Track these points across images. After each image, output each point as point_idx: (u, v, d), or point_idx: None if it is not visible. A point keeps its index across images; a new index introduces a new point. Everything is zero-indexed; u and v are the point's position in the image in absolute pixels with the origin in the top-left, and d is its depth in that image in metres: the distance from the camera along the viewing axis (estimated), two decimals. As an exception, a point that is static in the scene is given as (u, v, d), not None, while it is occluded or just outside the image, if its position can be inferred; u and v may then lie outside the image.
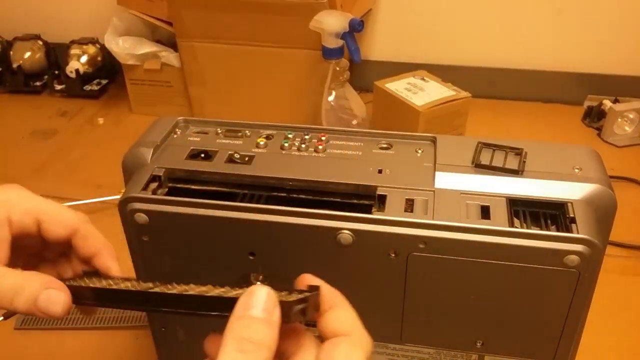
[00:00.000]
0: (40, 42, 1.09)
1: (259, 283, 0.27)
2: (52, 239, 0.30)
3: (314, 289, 0.25)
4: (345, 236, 0.34)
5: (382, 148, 0.40)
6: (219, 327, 0.42)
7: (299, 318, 0.24)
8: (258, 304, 0.24)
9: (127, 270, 0.40)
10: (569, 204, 0.34)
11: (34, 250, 0.31)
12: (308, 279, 0.26)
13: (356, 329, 0.24)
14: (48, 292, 0.27)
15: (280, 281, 0.28)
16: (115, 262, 0.30)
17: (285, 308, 0.24)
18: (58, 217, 0.30)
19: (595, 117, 0.94)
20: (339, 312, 0.25)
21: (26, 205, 0.30)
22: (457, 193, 0.35)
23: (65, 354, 0.56)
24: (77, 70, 1.02)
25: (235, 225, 0.35)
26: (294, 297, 0.24)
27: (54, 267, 0.33)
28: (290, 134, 0.41)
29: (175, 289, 0.28)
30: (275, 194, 0.37)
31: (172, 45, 0.94)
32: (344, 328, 0.24)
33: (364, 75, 0.97)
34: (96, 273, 0.31)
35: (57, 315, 0.27)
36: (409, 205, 0.35)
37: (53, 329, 0.58)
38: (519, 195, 0.35)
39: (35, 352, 0.56)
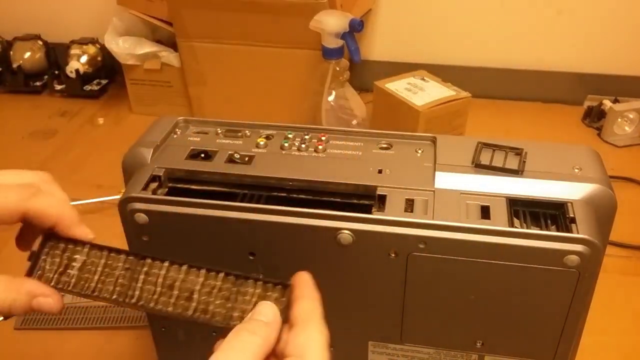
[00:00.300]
0: (40, 42, 1.09)
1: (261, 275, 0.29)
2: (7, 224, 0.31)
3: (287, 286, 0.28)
4: (345, 236, 0.34)
5: (382, 148, 0.40)
6: (219, 328, 0.42)
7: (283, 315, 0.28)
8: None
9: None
10: (569, 204, 0.34)
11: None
12: (300, 278, 0.29)
13: (314, 317, 0.27)
14: (37, 300, 0.29)
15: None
16: (77, 227, 0.30)
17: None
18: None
19: (595, 117, 0.94)
20: (303, 303, 0.28)
21: None
22: (457, 193, 0.35)
23: (65, 354, 0.56)
24: (77, 70, 1.02)
25: (235, 225, 0.35)
26: (279, 299, 0.28)
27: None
28: (290, 134, 0.41)
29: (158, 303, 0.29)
30: (275, 194, 0.37)
31: (172, 45, 0.94)
32: (305, 316, 0.27)
33: (364, 75, 0.97)
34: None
35: (54, 313, 0.30)
36: (409, 205, 0.35)
37: (53, 329, 0.58)
38: (519, 195, 0.35)
39: (36, 352, 0.56)
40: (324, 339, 0.27)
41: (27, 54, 1.07)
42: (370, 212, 0.35)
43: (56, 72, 1.07)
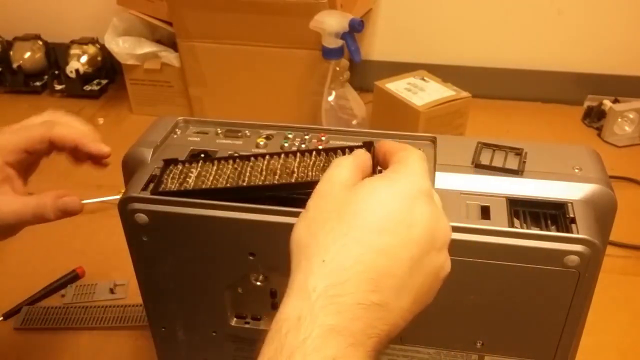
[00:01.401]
0: (41, 42, 1.09)
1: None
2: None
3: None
4: (345, 236, 0.34)
5: (382, 148, 0.40)
6: (219, 327, 0.42)
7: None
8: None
9: (128, 270, 0.40)
10: (569, 204, 0.34)
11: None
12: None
13: (411, 148, 0.29)
14: (63, 200, 0.37)
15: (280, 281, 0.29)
16: (93, 145, 0.39)
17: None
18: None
19: (595, 117, 0.94)
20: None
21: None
22: (457, 193, 0.35)
23: (65, 354, 0.56)
24: (77, 70, 1.02)
25: (235, 226, 0.35)
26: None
27: None
28: (290, 134, 0.41)
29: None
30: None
31: (172, 45, 0.94)
32: (403, 148, 0.30)
33: (364, 75, 0.97)
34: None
35: (77, 210, 0.38)
36: (409, 206, 0.35)
37: (53, 329, 0.58)
38: (519, 195, 0.35)
39: (36, 352, 0.56)
40: (424, 156, 0.29)
41: (27, 54, 1.07)
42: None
43: (56, 72, 1.07)
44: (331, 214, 0.26)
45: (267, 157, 0.35)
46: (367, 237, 0.25)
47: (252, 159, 0.35)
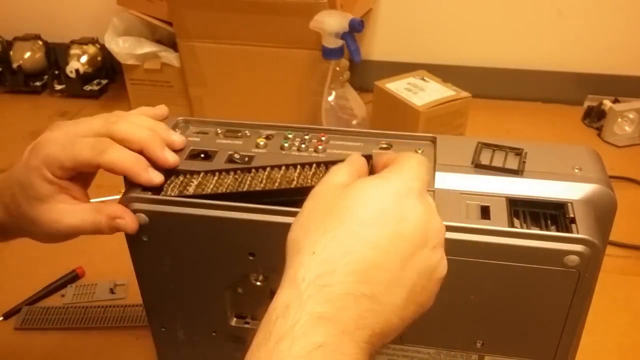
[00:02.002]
0: (40, 42, 1.09)
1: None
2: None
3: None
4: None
5: (382, 148, 0.40)
6: (219, 327, 0.42)
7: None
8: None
9: (128, 270, 0.40)
10: (569, 204, 0.34)
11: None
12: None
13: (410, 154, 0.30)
14: (117, 222, 0.35)
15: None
16: (143, 177, 0.36)
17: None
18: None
19: (595, 117, 0.94)
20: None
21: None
22: (457, 193, 0.35)
23: (66, 354, 0.56)
24: (77, 70, 1.02)
25: (235, 226, 0.35)
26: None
27: None
28: (290, 134, 0.41)
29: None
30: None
31: (172, 45, 0.94)
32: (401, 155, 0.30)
33: (364, 75, 0.97)
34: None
35: (129, 232, 0.36)
36: (409, 206, 0.35)
37: (53, 329, 0.58)
38: (518, 195, 0.35)
39: (35, 352, 0.56)
40: (424, 161, 0.29)
41: (27, 54, 1.07)
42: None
43: (56, 72, 1.07)
44: (324, 210, 0.26)
45: (268, 169, 0.36)
46: (357, 229, 0.25)
47: (253, 170, 0.36)
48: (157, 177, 0.36)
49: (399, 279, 0.25)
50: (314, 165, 0.36)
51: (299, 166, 0.36)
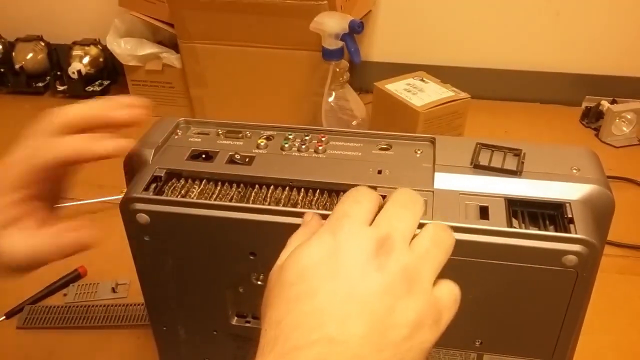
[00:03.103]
0: (43, 43, 1.09)
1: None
2: None
3: None
4: (345, 236, 0.34)
5: (381, 149, 0.40)
6: (220, 326, 0.43)
7: None
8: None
9: (130, 269, 0.41)
10: (567, 205, 0.35)
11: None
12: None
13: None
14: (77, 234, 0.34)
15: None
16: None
17: None
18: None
19: (593, 117, 0.94)
20: None
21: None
22: (456, 193, 0.36)
23: (67, 354, 0.56)
24: (79, 71, 1.03)
25: (236, 226, 0.36)
26: None
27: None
28: (290, 134, 0.41)
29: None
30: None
31: (174, 46, 0.94)
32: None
33: (364, 76, 0.97)
34: None
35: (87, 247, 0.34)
36: (409, 206, 0.35)
37: (54, 327, 0.58)
38: (517, 195, 0.35)
39: (37, 351, 0.56)
40: (413, 196, 0.26)
41: (30, 55, 1.08)
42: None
43: (58, 73, 1.07)
44: (272, 287, 0.25)
45: (272, 187, 0.37)
46: (289, 292, 0.24)
47: (257, 186, 0.37)
48: (113, 143, 0.33)
49: (350, 313, 0.23)
50: (318, 190, 0.36)
51: (302, 189, 0.37)
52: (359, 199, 0.26)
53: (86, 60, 1.05)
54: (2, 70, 1.08)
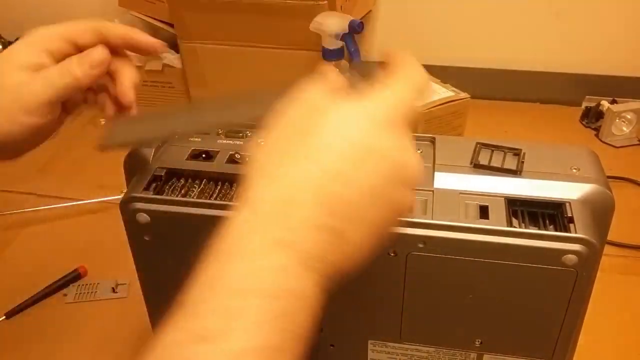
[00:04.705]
0: (42, 43, 1.09)
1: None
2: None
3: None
4: (346, 235, 0.34)
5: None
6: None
7: None
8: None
9: (130, 269, 0.41)
10: (567, 204, 0.35)
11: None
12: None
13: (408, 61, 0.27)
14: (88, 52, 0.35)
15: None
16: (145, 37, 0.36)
17: None
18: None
19: (593, 117, 0.94)
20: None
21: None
22: (456, 193, 0.36)
23: (67, 353, 0.56)
24: (78, 71, 1.02)
25: (237, 225, 0.36)
26: None
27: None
28: (290, 134, 0.41)
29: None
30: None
31: (174, 46, 0.94)
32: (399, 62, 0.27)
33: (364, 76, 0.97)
34: None
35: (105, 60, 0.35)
36: (409, 205, 0.35)
37: (55, 327, 0.58)
38: (517, 195, 0.36)
39: (37, 351, 0.56)
40: (417, 82, 0.25)
41: (29, 55, 1.07)
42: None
43: (57, 73, 1.07)
44: (291, 134, 0.24)
45: None
46: (324, 159, 0.23)
47: None
48: (157, 41, 0.36)
49: (366, 216, 0.23)
50: None
51: None
52: (421, 93, 0.26)
53: (86, 60, 1.05)
54: (2, 70, 1.08)
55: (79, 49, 0.35)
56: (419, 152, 0.39)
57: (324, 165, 0.23)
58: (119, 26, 0.36)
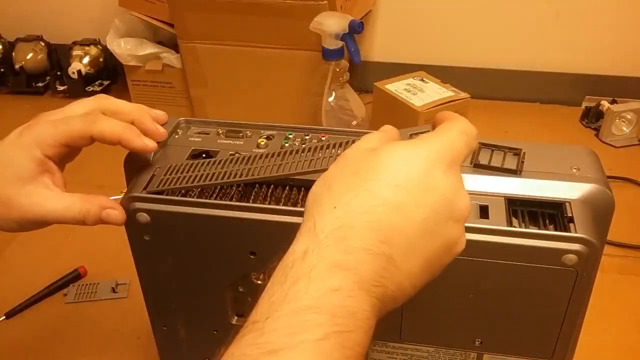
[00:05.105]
0: (43, 43, 1.09)
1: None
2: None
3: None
4: (346, 235, 0.34)
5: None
6: (220, 325, 0.43)
7: None
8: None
9: (130, 269, 0.41)
10: (567, 204, 0.35)
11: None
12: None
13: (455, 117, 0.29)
14: (106, 211, 0.36)
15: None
16: (136, 142, 0.36)
17: None
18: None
19: (593, 117, 0.94)
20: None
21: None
22: (456, 193, 0.36)
23: (67, 353, 0.56)
24: (79, 71, 1.03)
25: (236, 225, 0.36)
26: None
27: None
28: (290, 134, 0.41)
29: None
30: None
31: (174, 46, 0.94)
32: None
33: (364, 76, 0.97)
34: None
35: (118, 224, 0.36)
36: (409, 205, 0.35)
37: (55, 327, 0.58)
38: (517, 195, 0.35)
39: (38, 351, 0.56)
40: (467, 131, 0.28)
41: (30, 55, 1.08)
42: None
43: (58, 73, 1.07)
44: (350, 170, 0.26)
45: (272, 186, 0.37)
46: (381, 190, 0.25)
47: (257, 185, 0.37)
48: (150, 143, 0.36)
49: (418, 245, 0.25)
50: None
51: (302, 189, 0.36)
52: (470, 142, 0.28)
53: (86, 60, 1.05)
54: (2, 70, 1.08)
55: (74, 147, 0.37)
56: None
57: (382, 198, 0.25)
58: (114, 128, 0.35)
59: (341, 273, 0.23)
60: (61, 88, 1.06)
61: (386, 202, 0.24)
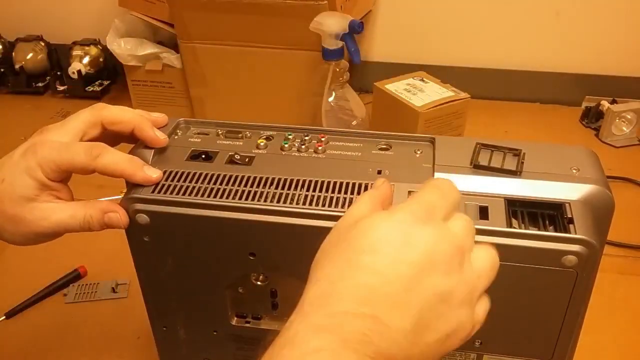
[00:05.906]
0: (43, 43, 1.09)
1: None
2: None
3: None
4: (345, 236, 0.34)
5: (381, 149, 0.40)
6: (220, 326, 0.43)
7: None
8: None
9: (130, 269, 0.41)
10: (567, 205, 0.35)
11: None
12: None
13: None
14: (108, 215, 0.36)
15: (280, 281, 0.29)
16: (139, 176, 0.37)
17: None
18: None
19: (593, 117, 0.94)
20: None
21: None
22: (456, 193, 0.36)
23: (66, 354, 0.56)
24: (79, 71, 1.03)
25: (236, 226, 0.36)
26: None
27: None
28: (290, 135, 0.41)
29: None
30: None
31: (174, 46, 0.94)
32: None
33: (364, 76, 0.97)
34: None
35: (122, 227, 0.37)
36: (408, 206, 0.35)
37: (55, 327, 0.58)
38: (517, 195, 0.35)
39: (37, 351, 0.56)
40: (440, 186, 0.29)
41: (30, 55, 1.08)
42: (369, 213, 0.35)
43: (58, 73, 1.07)
44: (334, 243, 0.28)
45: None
46: (358, 257, 0.26)
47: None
48: (154, 174, 0.37)
49: (402, 303, 0.25)
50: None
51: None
52: (446, 193, 0.29)
53: (86, 60, 1.05)
54: (2, 70, 1.08)
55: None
56: (419, 152, 0.40)
57: (359, 264, 0.26)
58: (117, 163, 0.36)
59: (324, 335, 0.24)
60: (61, 88, 1.06)
61: (362, 267, 0.25)
